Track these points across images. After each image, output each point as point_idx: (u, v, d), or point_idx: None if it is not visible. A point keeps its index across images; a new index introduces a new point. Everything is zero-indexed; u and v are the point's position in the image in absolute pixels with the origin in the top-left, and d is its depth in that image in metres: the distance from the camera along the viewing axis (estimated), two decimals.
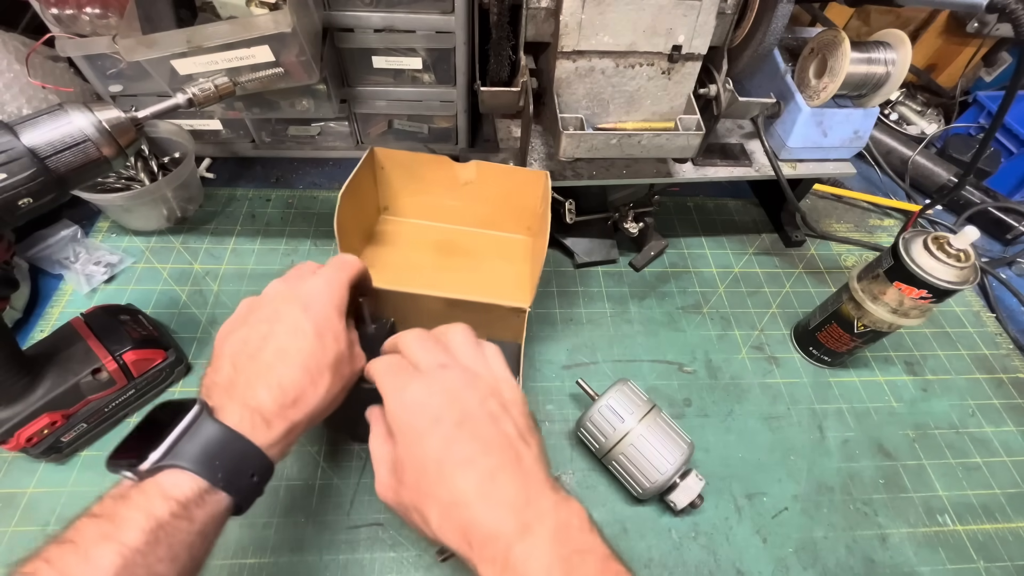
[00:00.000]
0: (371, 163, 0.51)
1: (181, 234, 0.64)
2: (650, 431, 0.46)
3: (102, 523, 0.25)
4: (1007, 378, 0.62)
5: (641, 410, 0.47)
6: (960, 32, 0.83)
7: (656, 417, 0.47)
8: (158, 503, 0.26)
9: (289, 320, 0.33)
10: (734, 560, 0.47)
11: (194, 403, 0.29)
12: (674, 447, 0.46)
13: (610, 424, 0.46)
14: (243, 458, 0.29)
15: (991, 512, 0.52)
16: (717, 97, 0.53)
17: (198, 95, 0.44)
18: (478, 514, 0.27)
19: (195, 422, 0.28)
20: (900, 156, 0.81)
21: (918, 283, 0.47)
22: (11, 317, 0.54)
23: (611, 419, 0.47)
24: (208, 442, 0.28)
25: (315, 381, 0.32)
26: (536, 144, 0.58)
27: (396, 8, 0.57)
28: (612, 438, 0.46)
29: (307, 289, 0.34)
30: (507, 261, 0.56)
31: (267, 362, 0.31)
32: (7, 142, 0.34)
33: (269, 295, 0.35)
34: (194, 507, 0.27)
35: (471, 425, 0.30)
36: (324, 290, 0.34)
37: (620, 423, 0.46)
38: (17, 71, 0.55)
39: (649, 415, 0.47)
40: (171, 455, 0.27)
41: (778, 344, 0.62)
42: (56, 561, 0.24)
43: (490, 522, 0.27)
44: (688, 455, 0.46)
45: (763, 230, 0.74)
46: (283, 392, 0.30)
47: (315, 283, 0.35)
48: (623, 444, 0.46)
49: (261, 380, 0.30)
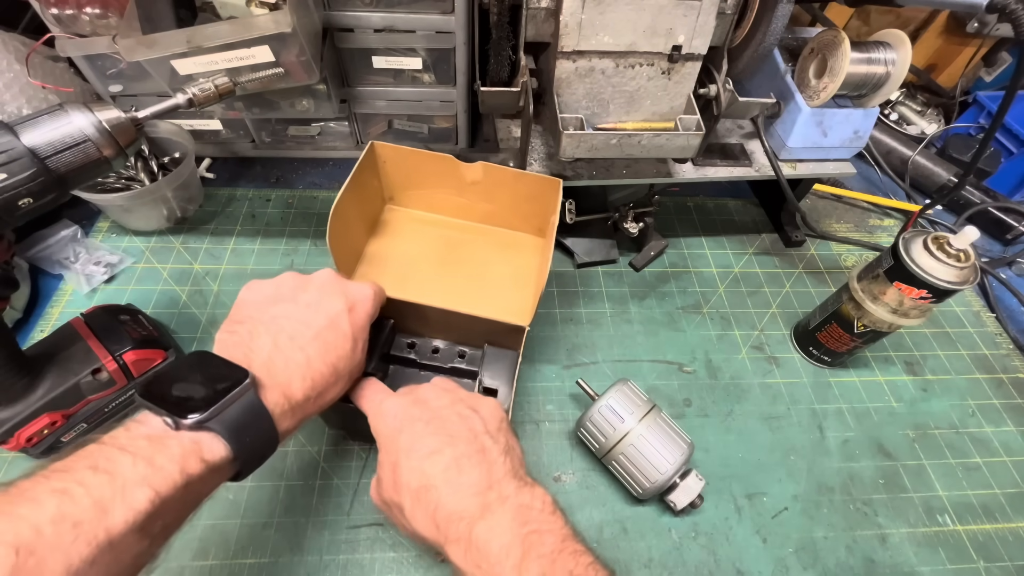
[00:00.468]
0: (372, 158, 0.51)
1: (181, 234, 0.64)
2: (650, 431, 0.46)
3: (139, 464, 0.25)
4: (1007, 378, 0.62)
5: (641, 410, 0.47)
6: (960, 32, 0.83)
7: (656, 417, 0.47)
8: (193, 462, 0.26)
9: (335, 316, 0.34)
10: (734, 560, 0.47)
11: (239, 369, 0.29)
12: (674, 447, 0.46)
13: (610, 424, 0.46)
14: (267, 440, 0.30)
15: (991, 512, 0.52)
16: (717, 97, 0.53)
17: (198, 95, 0.44)
18: (443, 496, 0.29)
19: (243, 393, 0.29)
20: (900, 156, 0.81)
21: (918, 283, 0.47)
22: (11, 317, 0.54)
23: (611, 419, 0.47)
24: (247, 416, 0.29)
25: (337, 383, 0.34)
26: (536, 144, 0.58)
27: (396, 8, 0.57)
28: (612, 438, 0.46)
29: (355, 291, 0.36)
30: (512, 265, 0.55)
31: (308, 354, 0.32)
32: (7, 142, 0.34)
33: (318, 280, 0.36)
34: (217, 473, 0.28)
35: (439, 422, 0.33)
36: (369, 297, 0.37)
37: (620, 423, 0.46)
38: (17, 71, 0.55)
39: (649, 415, 0.47)
40: (215, 419, 0.27)
41: (778, 344, 0.62)
42: (92, 488, 0.23)
43: (454, 503, 0.29)
44: (688, 455, 0.46)
45: (763, 230, 0.74)
46: (314, 388, 0.32)
47: (362, 289, 0.37)
48: (623, 444, 0.46)
49: (299, 371, 0.31)
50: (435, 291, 0.49)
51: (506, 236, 0.56)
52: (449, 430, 0.32)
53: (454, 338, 0.54)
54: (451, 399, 0.35)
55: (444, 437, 0.32)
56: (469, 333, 0.52)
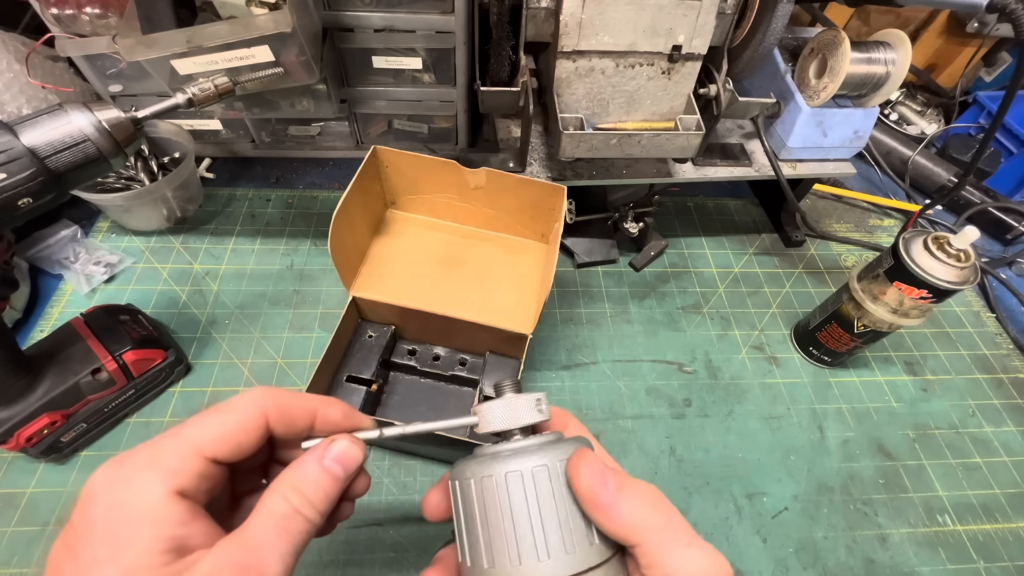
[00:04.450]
0: (374, 162, 0.51)
1: (181, 234, 0.64)
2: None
3: None
4: (1007, 378, 0.62)
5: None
6: (960, 32, 0.83)
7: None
8: None
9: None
10: (734, 560, 0.47)
11: None
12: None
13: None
14: None
15: (991, 512, 0.52)
16: (717, 97, 0.53)
17: (198, 95, 0.44)
18: None
19: None
20: (900, 156, 0.81)
21: (918, 283, 0.47)
22: (11, 317, 0.54)
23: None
24: None
25: None
26: (536, 144, 0.58)
27: (396, 8, 0.57)
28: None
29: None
30: (514, 271, 0.54)
31: None
32: (7, 142, 0.34)
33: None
34: None
35: None
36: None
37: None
38: (17, 71, 0.55)
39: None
40: None
41: (778, 344, 0.62)
42: None
43: None
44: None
45: (763, 230, 0.74)
46: None
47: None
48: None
49: None
50: (437, 297, 0.49)
51: (509, 242, 0.56)
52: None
53: (455, 345, 0.54)
54: None
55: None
56: (471, 340, 0.52)
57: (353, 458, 0.24)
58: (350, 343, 0.51)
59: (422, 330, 0.53)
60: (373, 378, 0.48)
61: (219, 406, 0.23)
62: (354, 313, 0.51)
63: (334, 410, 0.25)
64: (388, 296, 0.49)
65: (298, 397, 0.25)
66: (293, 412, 0.24)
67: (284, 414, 0.24)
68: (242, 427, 0.23)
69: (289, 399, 0.24)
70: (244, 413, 0.23)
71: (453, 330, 0.50)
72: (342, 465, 0.24)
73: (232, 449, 0.22)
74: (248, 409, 0.23)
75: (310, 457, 0.23)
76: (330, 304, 0.60)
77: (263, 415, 0.23)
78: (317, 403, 0.25)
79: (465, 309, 0.48)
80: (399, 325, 0.53)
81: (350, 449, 0.24)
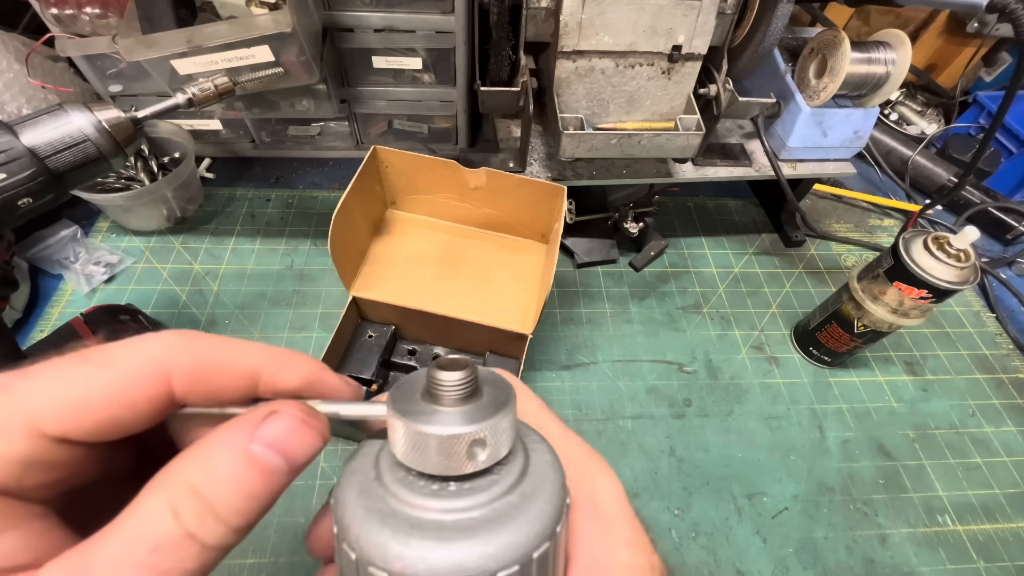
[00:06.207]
0: (374, 162, 0.51)
1: (181, 234, 0.64)
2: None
3: None
4: (1007, 378, 0.62)
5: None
6: (960, 32, 0.83)
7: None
8: None
9: None
10: (734, 560, 0.47)
11: None
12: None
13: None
14: None
15: (991, 512, 0.52)
16: (717, 97, 0.53)
17: (198, 95, 0.44)
18: None
19: None
20: (900, 156, 0.81)
21: (918, 283, 0.47)
22: (11, 317, 0.54)
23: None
24: None
25: None
26: (536, 144, 0.58)
27: (396, 8, 0.57)
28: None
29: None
30: (514, 271, 0.55)
31: None
32: (7, 142, 0.34)
33: None
34: None
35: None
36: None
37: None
38: (17, 71, 0.55)
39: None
40: None
41: (778, 344, 0.62)
42: None
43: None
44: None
45: (763, 230, 0.74)
46: None
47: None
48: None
49: None
50: (437, 297, 0.49)
51: (509, 242, 0.56)
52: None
53: (455, 345, 0.54)
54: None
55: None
56: (471, 340, 0.52)
57: (304, 442, 0.15)
58: (350, 343, 0.51)
59: (422, 330, 0.53)
60: (373, 378, 0.49)
61: (91, 354, 0.14)
62: (354, 313, 0.51)
63: (290, 371, 0.16)
64: (388, 296, 0.49)
65: (228, 348, 0.16)
66: (216, 375, 0.16)
67: (200, 378, 0.15)
68: (121, 394, 0.14)
69: (212, 353, 0.16)
70: (128, 373, 0.14)
71: (453, 330, 0.50)
72: (283, 454, 0.14)
73: (99, 425, 0.14)
74: (137, 368, 0.14)
75: (225, 436, 0.14)
76: (330, 304, 0.60)
77: (162, 378, 0.15)
78: (261, 358, 0.16)
79: (465, 309, 0.48)
80: (399, 325, 0.53)
81: (298, 428, 0.15)
